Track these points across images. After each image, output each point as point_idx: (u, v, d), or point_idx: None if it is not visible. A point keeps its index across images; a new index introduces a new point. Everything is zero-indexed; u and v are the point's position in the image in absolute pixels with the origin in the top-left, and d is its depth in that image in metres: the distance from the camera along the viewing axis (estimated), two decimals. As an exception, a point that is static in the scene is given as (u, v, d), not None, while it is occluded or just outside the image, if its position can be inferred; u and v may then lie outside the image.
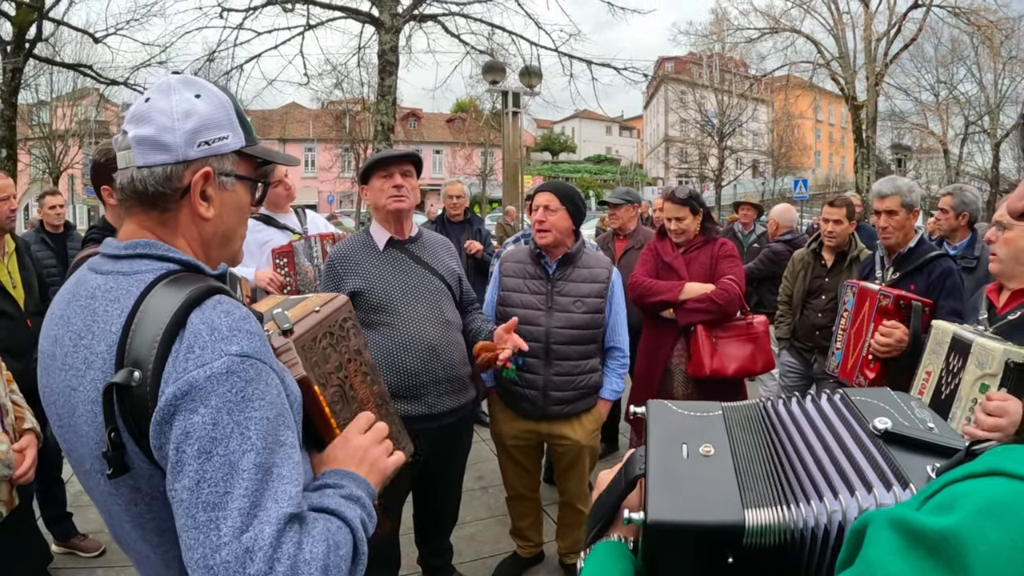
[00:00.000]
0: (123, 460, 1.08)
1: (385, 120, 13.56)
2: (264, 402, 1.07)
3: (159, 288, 1.12)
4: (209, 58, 14.68)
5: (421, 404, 2.83)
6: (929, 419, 1.02)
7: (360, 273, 2.86)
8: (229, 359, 1.05)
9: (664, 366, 3.76)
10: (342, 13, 14.48)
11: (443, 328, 2.91)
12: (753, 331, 3.68)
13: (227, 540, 0.99)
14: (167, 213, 1.22)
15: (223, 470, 1.01)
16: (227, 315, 1.11)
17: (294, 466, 1.09)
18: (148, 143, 1.17)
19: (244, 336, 1.10)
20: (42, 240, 5.87)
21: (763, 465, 1.03)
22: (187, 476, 1.01)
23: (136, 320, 1.09)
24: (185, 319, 1.08)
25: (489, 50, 15.47)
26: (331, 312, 1.57)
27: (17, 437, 2.48)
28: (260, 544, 0.99)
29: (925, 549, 0.50)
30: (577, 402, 3.26)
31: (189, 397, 1.03)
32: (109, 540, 4.00)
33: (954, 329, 2.19)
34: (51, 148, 28.25)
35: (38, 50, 15.21)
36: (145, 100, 1.20)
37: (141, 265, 1.17)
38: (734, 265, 3.73)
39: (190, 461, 1.01)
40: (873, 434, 0.97)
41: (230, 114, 1.25)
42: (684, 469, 1.01)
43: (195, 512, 1.00)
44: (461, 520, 3.53)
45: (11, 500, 2.37)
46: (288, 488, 1.06)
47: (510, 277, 3.33)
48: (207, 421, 1.02)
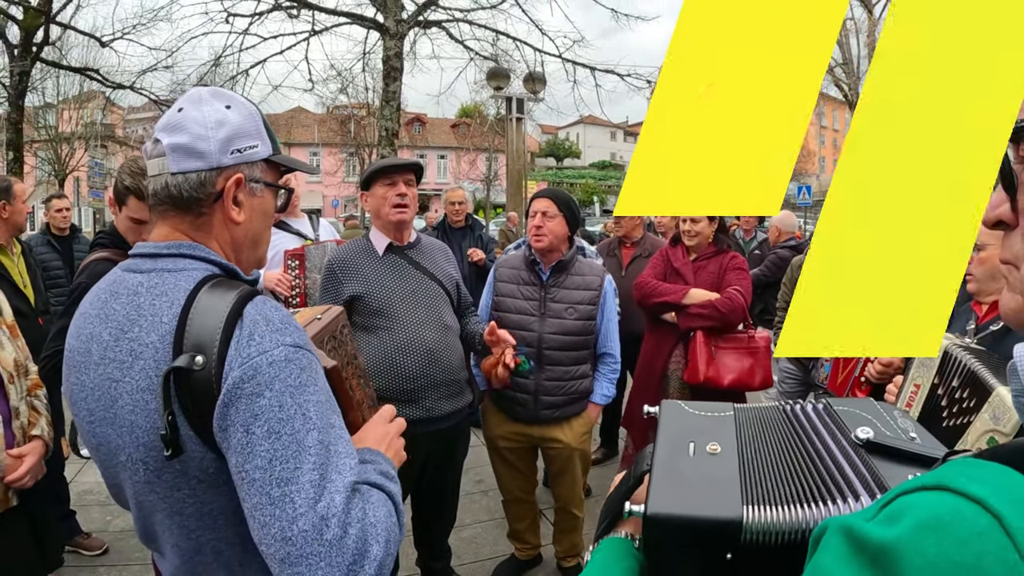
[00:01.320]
0: (179, 442, 1.14)
1: (389, 125, 13.60)
2: (317, 387, 1.16)
3: (207, 287, 1.20)
4: (215, 63, 14.74)
5: (419, 408, 2.86)
6: (911, 429, 1.03)
7: (360, 278, 2.91)
8: (286, 348, 1.14)
9: (662, 371, 3.79)
10: (347, 19, 14.53)
11: (441, 332, 2.95)
12: (754, 345, 3.68)
13: (303, 511, 1.07)
14: (201, 217, 1.28)
15: (291, 447, 1.09)
16: (277, 310, 1.21)
17: (346, 443, 1.18)
18: (183, 150, 1.23)
19: (294, 329, 1.19)
20: (48, 243, 5.90)
21: (771, 466, 1.03)
22: (259, 456, 1.09)
23: (193, 310, 1.16)
24: (242, 310, 1.16)
25: (493, 56, 15.52)
26: (331, 319, 1.64)
27: (24, 442, 2.47)
28: (333, 511, 1.08)
29: (867, 558, 0.52)
30: (567, 407, 3.31)
31: (255, 382, 1.10)
32: (112, 539, 4.04)
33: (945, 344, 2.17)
34: (57, 151, 28.31)
35: (45, 53, 15.26)
36: (178, 110, 1.26)
37: (186, 264, 1.24)
38: (742, 277, 3.75)
39: (260, 441, 1.09)
40: (855, 444, 0.98)
41: (258, 124, 1.32)
42: (689, 466, 1.03)
43: (269, 489, 1.08)
44: (460, 522, 3.56)
45: (6, 500, 2.36)
46: (347, 461, 1.15)
47: (504, 283, 3.37)
48: (273, 404, 1.10)
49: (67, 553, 3.93)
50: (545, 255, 3.29)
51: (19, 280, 3.85)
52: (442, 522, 3.33)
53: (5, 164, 14.41)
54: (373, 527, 1.12)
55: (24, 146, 15.58)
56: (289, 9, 14.29)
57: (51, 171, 28.51)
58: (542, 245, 3.24)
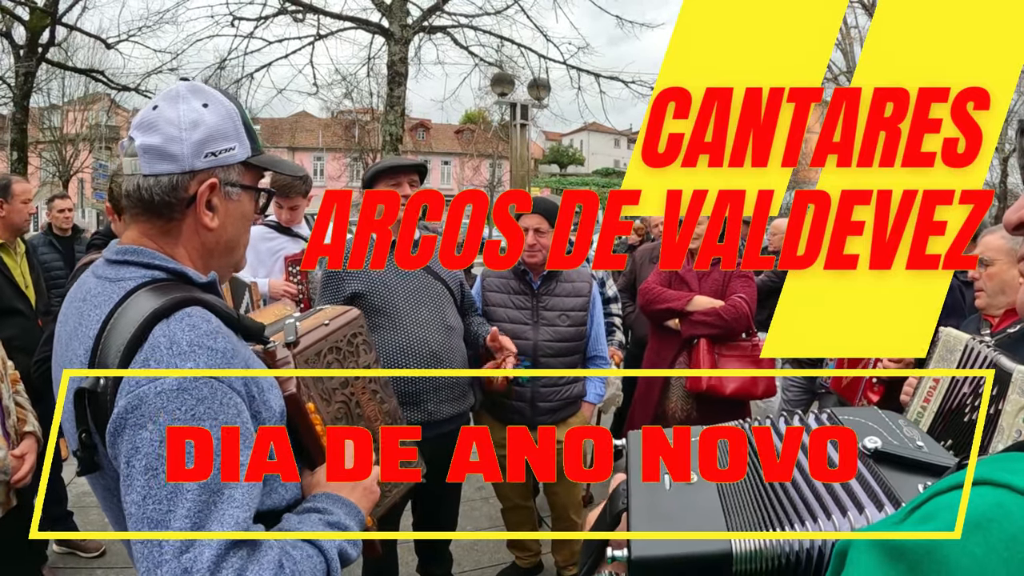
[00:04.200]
0: (92, 460, 1.10)
1: (394, 130, 13.61)
2: (216, 421, 1.06)
3: (139, 295, 1.13)
4: (220, 66, 14.77)
5: (420, 411, 2.82)
6: (918, 437, 1.02)
7: (361, 276, 2.85)
8: (181, 377, 1.05)
9: (664, 379, 3.77)
10: (352, 24, 14.56)
11: (445, 334, 2.91)
12: (758, 353, 3.65)
13: (167, 558, 0.99)
14: (172, 222, 1.22)
15: (167, 489, 1.01)
16: (192, 329, 1.10)
17: (248, 489, 1.08)
18: (154, 152, 1.18)
19: (204, 352, 1.09)
20: (50, 243, 5.92)
21: (749, 489, 1.00)
22: (135, 491, 1.02)
23: (109, 326, 1.11)
24: (150, 329, 1.08)
25: (498, 62, 15.53)
26: (340, 327, 1.56)
27: (18, 440, 2.50)
28: (198, 567, 0.98)
29: (906, 566, 0.49)
30: (562, 410, 3.34)
31: (139, 412, 1.03)
32: (110, 541, 4.02)
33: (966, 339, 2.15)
34: (62, 152, 28.41)
35: (51, 55, 15.30)
36: (153, 108, 1.21)
37: (126, 272, 1.18)
38: (747, 285, 3.73)
39: (137, 476, 1.02)
40: (863, 454, 0.96)
41: (237, 124, 1.25)
42: (666, 499, 0.99)
43: (140, 527, 1.01)
44: (461, 529, 3.54)
45: (8, 501, 2.38)
46: (236, 512, 1.04)
47: (493, 292, 3.37)
48: (154, 438, 1.02)
49: (65, 555, 3.93)
50: (535, 267, 3.31)
51: (21, 281, 3.84)
52: (443, 528, 3.29)
53: (9, 165, 14.40)
54: None
55: (29, 147, 15.58)
56: (294, 13, 14.32)
57: (55, 172, 28.61)
58: (536, 261, 3.27)
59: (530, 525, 3.72)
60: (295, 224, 4.00)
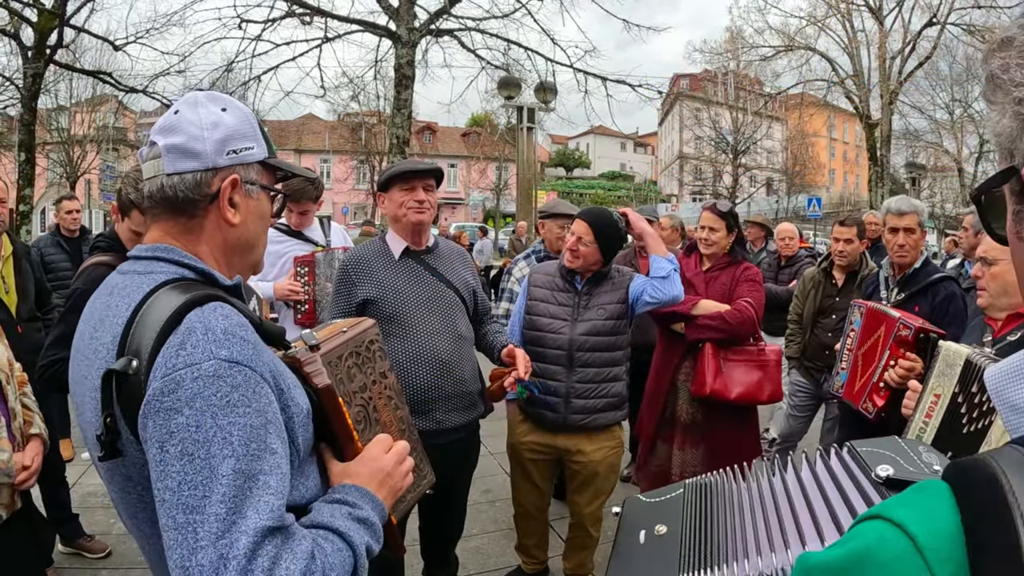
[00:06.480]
0: (115, 445, 1.11)
1: (400, 133, 13.64)
2: (250, 408, 1.07)
3: (168, 289, 1.16)
4: (227, 68, 14.84)
5: (429, 420, 2.79)
6: (936, 463, 1.05)
7: (374, 281, 2.83)
8: (217, 363, 1.06)
9: (670, 383, 3.75)
10: (359, 26, 14.61)
11: (456, 343, 2.88)
12: (764, 358, 3.64)
13: (204, 544, 0.99)
14: (194, 219, 1.27)
15: (203, 473, 1.01)
16: (225, 319, 1.12)
17: (281, 477, 1.09)
18: (178, 151, 1.23)
19: (237, 342, 1.10)
20: (57, 243, 5.96)
21: (706, 533, 1.17)
22: (169, 476, 1.02)
23: (141, 313, 1.13)
24: (184, 315, 1.10)
25: (505, 65, 15.57)
26: (357, 333, 1.58)
27: (24, 441, 2.49)
28: (234, 553, 0.99)
29: None
30: (599, 413, 3.27)
31: (175, 396, 1.04)
32: (115, 542, 4.02)
33: (967, 353, 2.13)
34: (69, 153, 28.52)
35: (58, 56, 15.39)
36: (174, 112, 1.26)
37: (156, 267, 1.22)
38: (754, 289, 3.71)
39: (172, 461, 1.02)
40: (876, 482, 1.03)
41: (254, 126, 1.32)
42: (638, 553, 1.19)
43: (175, 513, 1.01)
44: (467, 533, 3.52)
45: (12, 503, 2.37)
46: (271, 499, 1.05)
47: (539, 288, 3.40)
48: (190, 423, 1.03)
49: (70, 556, 3.92)
50: (579, 271, 3.33)
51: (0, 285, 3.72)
52: (450, 532, 3.28)
53: (17, 165, 14.49)
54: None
55: (36, 148, 15.66)
56: (302, 16, 14.37)
57: (63, 173, 28.71)
58: (575, 266, 3.30)
59: (540, 535, 3.69)
60: (305, 228, 3.99)
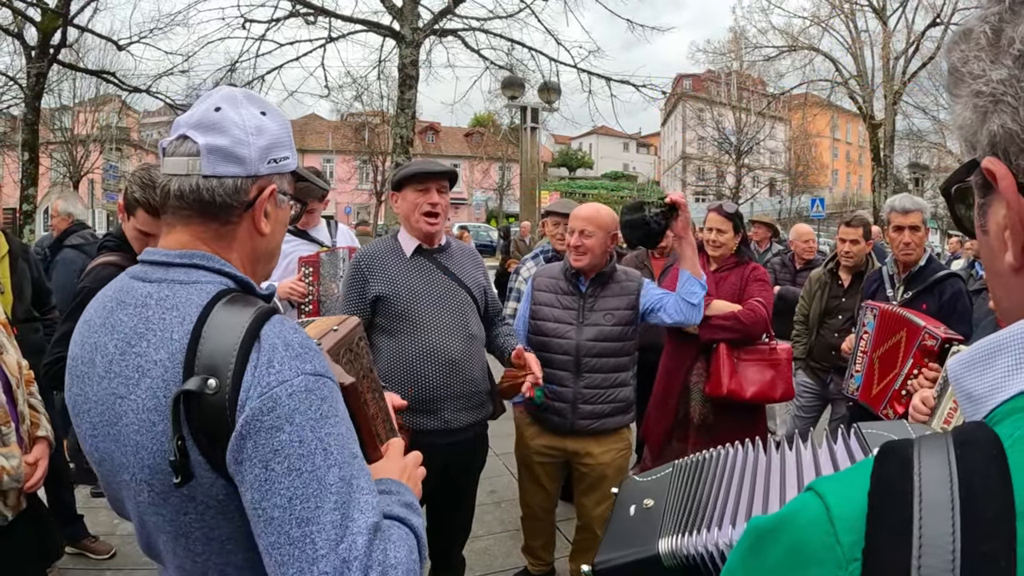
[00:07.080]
0: (188, 468, 1.07)
1: (404, 133, 13.64)
2: (338, 418, 1.11)
3: (222, 303, 1.13)
4: (231, 68, 14.86)
5: (437, 419, 2.78)
6: None
7: (386, 278, 2.82)
8: (306, 378, 1.08)
9: (682, 384, 3.73)
10: (363, 26, 14.62)
11: (466, 342, 2.87)
12: (776, 357, 3.62)
13: (324, 553, 1.02)
14: (227, 226, 1.22)
15: (312, 485, 1.04)
16: (296, 332, 1.14)
17: (367, 477, 1.12)
18: (220, 153, 1.17)
19: (314, 355, 1.13)
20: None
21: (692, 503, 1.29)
22: (277, 494, 1.03)
23: (206, 328, 1.10)
24: (259, 331, 1.10)
25: (508, 65, 15.57)
26: (348, 331, 1.59)
27: (30, 444, 2.48)
28: (355, 554, 1.03)
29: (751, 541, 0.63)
30: (606, 418, 3.24)
31: (275, 415, 1.05)
32: (120, 543, 4.01)
33: None
34: (72, 153, 28.60)
35: (62, 56, 15.44)
36: (215, 109, 1.19)
37: (199, 275, 1.17)
38: (763, 289, 3.69)
39: (280, 479, 1.03)
40: None
41: (290, 135, 1.29)
42: (627, 523, 1.32)
43: (288, 528, 1.02)
44: (473, 534, 3.50)
45: (18, 504, 2.36)
46: (368, 498, 1.09)
47: (543, 292, 3.35)
48: (293, 439, 1.05)
49: (74, 556, 3.91)
50: (585, 270, 3.27)
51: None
52: (456, 533, 3.27)
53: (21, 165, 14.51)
54: (394, 569, 1.07)
55: (40, 147, 15.68)
56: (306, 16, 14.37)
57: (66, 173, 28.76)
58: (582, 264, 3.21)
59: (547, 537, 3.67)
60: (311, 227, 3.97)
